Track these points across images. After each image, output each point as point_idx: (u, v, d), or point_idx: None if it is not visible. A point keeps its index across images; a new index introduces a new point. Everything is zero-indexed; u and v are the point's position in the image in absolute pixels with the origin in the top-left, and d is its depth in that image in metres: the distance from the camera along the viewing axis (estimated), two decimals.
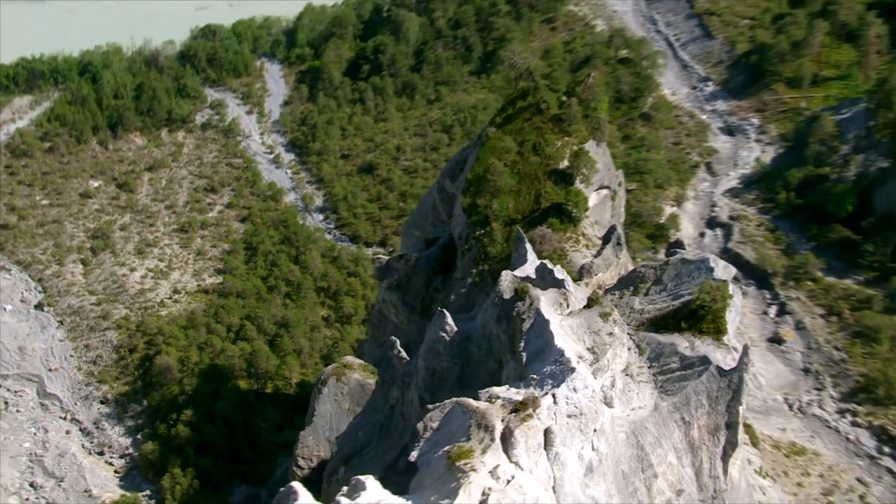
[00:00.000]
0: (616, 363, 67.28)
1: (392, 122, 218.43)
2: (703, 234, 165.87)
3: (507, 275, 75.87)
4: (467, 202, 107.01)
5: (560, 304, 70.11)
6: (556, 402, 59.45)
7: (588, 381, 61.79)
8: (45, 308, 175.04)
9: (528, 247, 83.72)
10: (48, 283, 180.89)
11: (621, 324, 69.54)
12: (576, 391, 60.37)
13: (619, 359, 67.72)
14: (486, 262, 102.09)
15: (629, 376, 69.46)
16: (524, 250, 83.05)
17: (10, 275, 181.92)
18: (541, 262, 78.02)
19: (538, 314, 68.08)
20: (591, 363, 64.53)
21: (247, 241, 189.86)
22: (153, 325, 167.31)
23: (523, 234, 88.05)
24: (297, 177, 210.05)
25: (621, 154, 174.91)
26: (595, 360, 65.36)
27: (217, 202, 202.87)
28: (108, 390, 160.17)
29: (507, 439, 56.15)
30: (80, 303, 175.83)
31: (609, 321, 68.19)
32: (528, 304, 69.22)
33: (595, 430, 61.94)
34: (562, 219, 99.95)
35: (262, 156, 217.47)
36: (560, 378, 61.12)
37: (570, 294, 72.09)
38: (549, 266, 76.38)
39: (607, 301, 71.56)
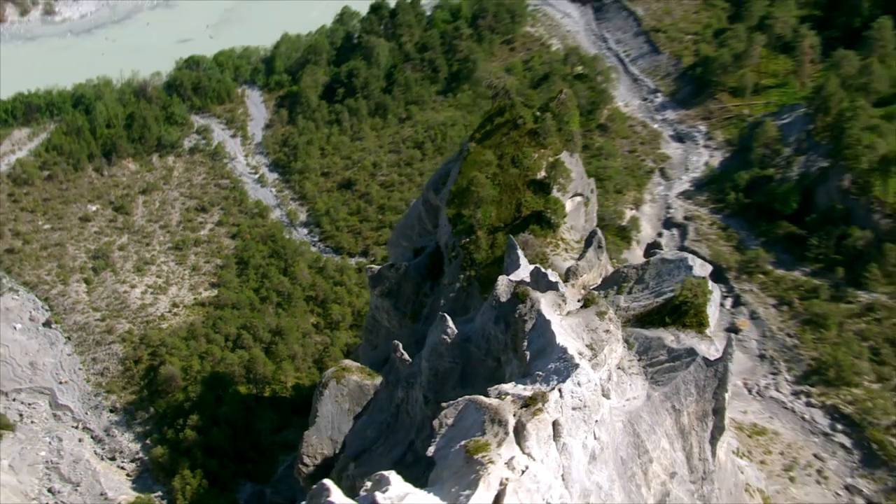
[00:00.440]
0: (612, 358, 67.34)
1: (367, 140, 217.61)
2: (660, 234, 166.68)
3: (503, 279, 75.84)
4: (452, 213, 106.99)
5: (559, 304, 70.07)
6: (562, 396, 59.42)
7: (590, 376, 61.82)
8: (52, 325, 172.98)
9: (519, 253, 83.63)
10: (54, 301, 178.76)
11: (616, 321, 69.56)
12: (580, 385, 60.39)
13: (614, 354, 67.75)
14: (472, 267, 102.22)
15: (621, 369, 69.57)
16: (516, 256, 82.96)
17: (19, 295, 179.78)
18: (535, 267, 77.95)
19: (539, 315, 67.98)
20: (589, 359, 64.51)
21: (238, 255, 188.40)
22: (155, 338, 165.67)
23: (514, 239, 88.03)
24: (282, 194, 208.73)
25: (582, 163, 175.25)
26: (594, 355, 65.32)
27: (208, 221, 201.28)
28: (117, 400, 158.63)
29: (520, 432, 56.00)
30: (86, 319, 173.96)
31: (605, 319, 68.23)
32: (529, 306, 69.10)
33: (596, 421, 62.01)
34: (542, 225, 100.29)
35: (248, 176, 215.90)
36: (565, 374, 61.04)
37: (566, 296, 72.22)
38: (543, 270, 76.33)
39: (602, 301, 71.65)
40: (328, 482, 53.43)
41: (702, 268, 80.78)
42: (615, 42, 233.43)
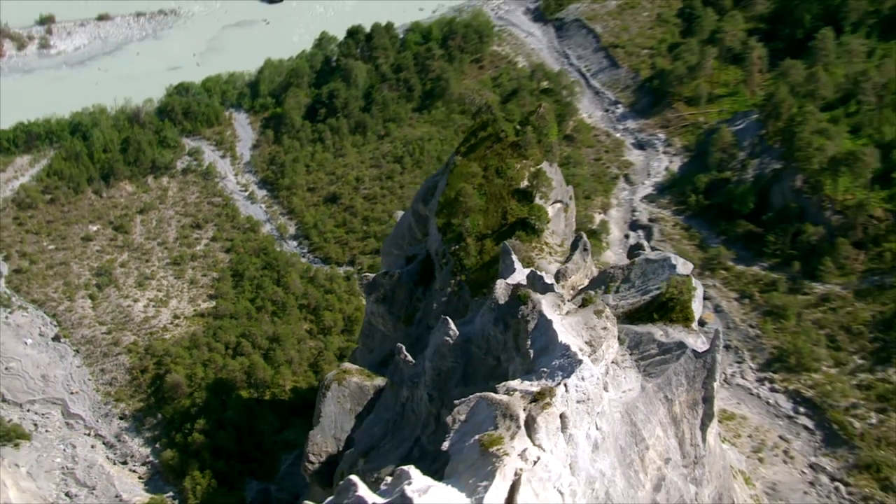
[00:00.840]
0: (609, 353, 67.43)
1: (349, 156, 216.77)
2: (627, 236, 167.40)
3: (501, 283, 75.69)
4: (442, 222, 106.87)
5: (558, 305, 70.08)
6: (567, 391, 59.41)
7: (592, 371, 61.88)
8: (61, 339, 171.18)
9: (514, 258, 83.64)
10: (62, 317, 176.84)
11: (612, 318, 69.69)
12: (583, 380, 60.42)
13: (611, 349, 67.88)
14: (462, 272, 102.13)
15: (615, 363, 69.63)
16: (511, 261, 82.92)
17: (28, 312, 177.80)
18: (531, 270, 77.98)
19: (541, 315, 67.92)
20: (589, 355, 64.56)
21: (233, 268, 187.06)
22: (160, 348, 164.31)
23: (508, 246, 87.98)
24: (271, 210, 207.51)
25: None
26: (593, 351, 65.41)
27: (203, 237, 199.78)
28: (126, 407, 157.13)
29: (531, 425, 55.99)
30: (93, 333, 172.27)
31: (602, 317, 68.30)
32: (531, 308, 69.00)
33: (598, 413, 62.06)
34: (527, 231, 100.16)
35: (239, 193, 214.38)
36: (569, 369, 61.05)
37: (564, 296, 72.29)
38: (539, 273, 76.33)
39: (600, 300, 71.74)
40: (354, 478, 53.23)
41: (684, 266, 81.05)
42: (577, 58, 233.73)
